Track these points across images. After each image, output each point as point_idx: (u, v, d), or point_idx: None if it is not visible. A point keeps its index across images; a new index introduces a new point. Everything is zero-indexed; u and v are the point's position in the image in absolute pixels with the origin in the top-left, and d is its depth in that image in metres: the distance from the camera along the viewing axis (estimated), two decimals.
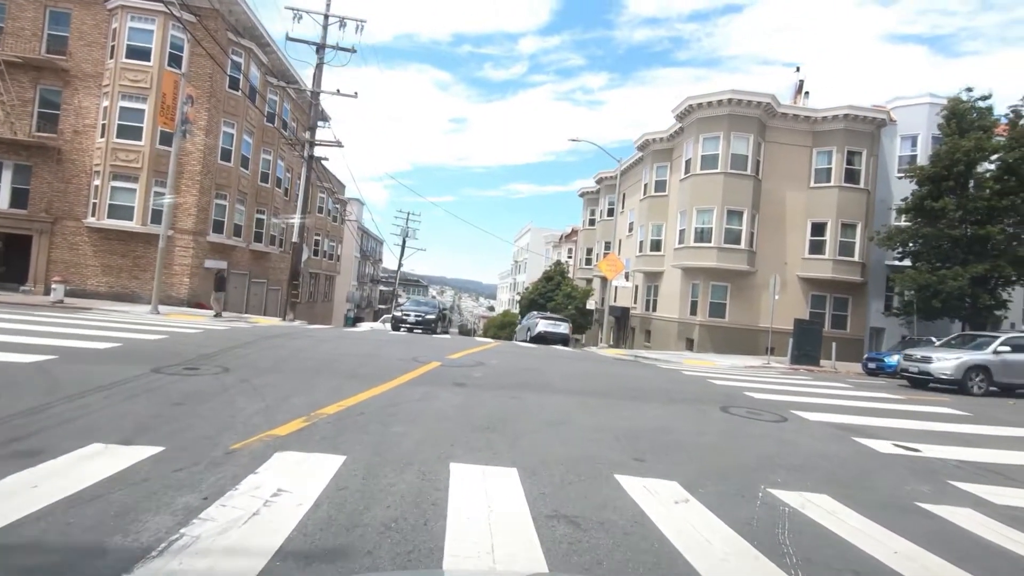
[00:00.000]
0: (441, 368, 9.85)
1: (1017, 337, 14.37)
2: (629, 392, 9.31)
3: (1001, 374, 13.48)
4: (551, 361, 13.60)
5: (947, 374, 13.41)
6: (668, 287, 27.16)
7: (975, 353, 13.78)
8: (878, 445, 6.92)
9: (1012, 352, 13.69)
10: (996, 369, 13.46)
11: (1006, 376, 13.55)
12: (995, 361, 13.53)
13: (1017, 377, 13.71)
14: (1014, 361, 13.64)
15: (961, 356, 13.62)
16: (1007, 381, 13.62)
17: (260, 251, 26.34)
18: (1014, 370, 13.60)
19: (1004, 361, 13.53)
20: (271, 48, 24.12)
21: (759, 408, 8.73)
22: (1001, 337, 14.13)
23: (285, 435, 4.84)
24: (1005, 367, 13.51)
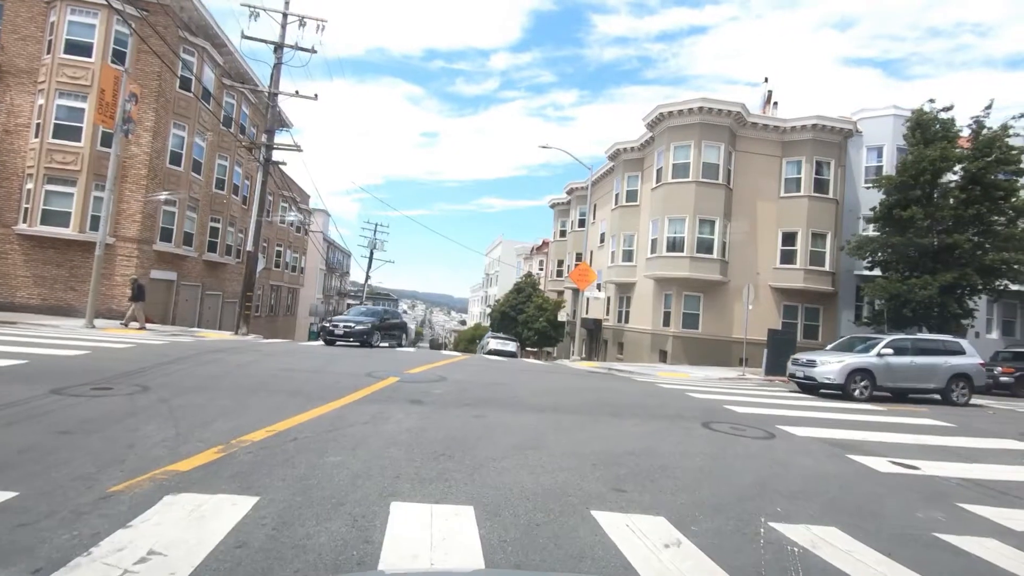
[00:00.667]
0: (398, 384, 8.96)
1: (900, 339, 13.66)
2: (605, 408, 8.59)
3: (885, 377, 12.82)
4: (520, 375, 12.82)
5: (830, 378, 12.72)
6: (640, 298, 26.76)
7: (859, 356, 13.08)
8: (874, 463, 6.35)
9: (895, 355, 13.03)
10: (880, 372, 12.77)
11: (890, 379, 12.88)
12: (879, 364, 12.83)
13: (901, 380, 13.00)
14: (898, 364, 12.97)
15: (844, 359, 12.87)
16: (891, 385, 12.95)
17: (214, 262, 24.93)
18: (897, 373, 12.94)
19: (888, 364, 12.85)
20: (227, 49, 23.00)
21: (743, 423, 8.12)
22: (885, 339, 13.45)
23: (188, 471, 3.93)
24: (889, 370, 12.85)
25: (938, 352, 13.40)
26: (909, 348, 13.29)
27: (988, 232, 19.20)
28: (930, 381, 13.11)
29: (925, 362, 13.11)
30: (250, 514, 3.21)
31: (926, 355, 13.22)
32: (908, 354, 13.14)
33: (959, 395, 13.20)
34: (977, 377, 13.44)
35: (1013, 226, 19.29)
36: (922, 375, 13.07)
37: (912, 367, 13.01)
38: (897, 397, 13.71)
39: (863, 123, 23.98)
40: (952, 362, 13.28)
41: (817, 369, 13.00)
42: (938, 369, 13.13)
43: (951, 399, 13.11)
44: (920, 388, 13.20)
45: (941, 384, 13.11)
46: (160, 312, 20.94)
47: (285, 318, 40.58)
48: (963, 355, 13.54)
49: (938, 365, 13.15)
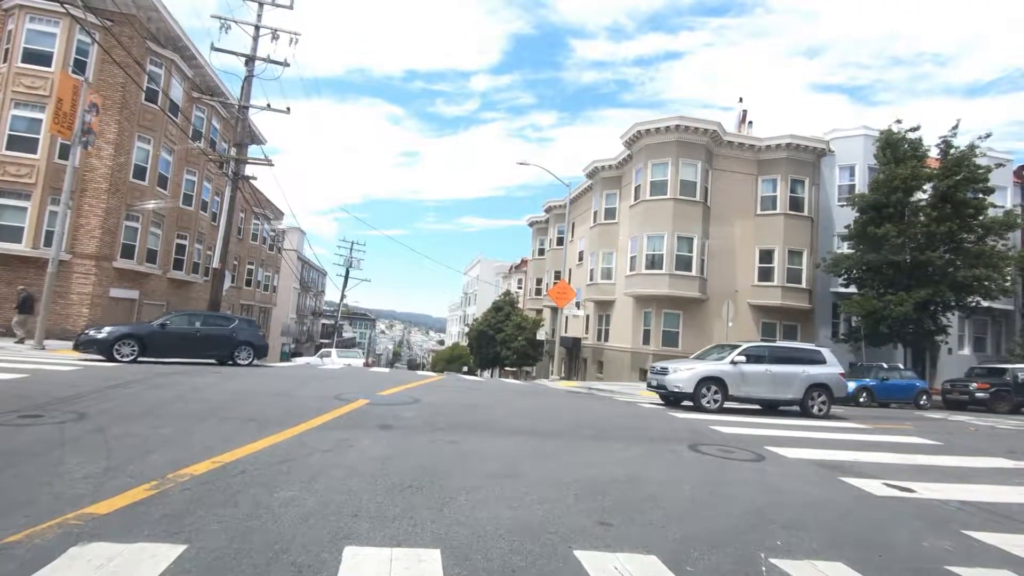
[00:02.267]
0: (367, 407, 8.41)
1: (756, 347, 12.93)
2: (587, 430, 8.15)
3: (738, 386, 11.97)
4: (498, 395, 12.33)
5: (679, 387, 11.89)
6: (620, 316, 26.54)
7: (711, 364, 12.30)
8: (868, 486, 6.03)
9: (750, 363, 12.19)
10: (732, 381, 11.93)
11: (743, 388, 12.03)
12: (731, 372, 11.97)
13: (755, 389, 12.14)
14: (752, 373, 12.12)
15: (695, 367, 12.10)
16: (744, 394, 12.10)
17: (180, 280, 23.99)
18: (751, 382, 12.10)
19: (741, 373, 11.99)
20: (197, 62, 22.45)
21: (730, 445, 7.76)
22: (741, 346, 12.62)
23: (107, 513, 3.38)
24: (742, 379, 12.01)
25: (796, 361, 12.62)
26: (766, 356, 12.52)
27: (959, 249, 19.53)
28: (787, 391, 12.24)
29: (781, 371, 12.26)
30: (171, 569, 2.69)
31: (783, 364, 12.42)
32: (764, 362, 12.33)
33: (817, 406, 12.34)
34: (836, 388, 12.58)
35: (983, 243, 19.68)
36: (778, 384, 12.18)
37: (767, 376, 12.16)
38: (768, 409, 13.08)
39: (835, 143, 24.43)
40: (810, 371, 12.44)
41: (668, 377, 12.16)
42: (795, 378, 12.28)
43: (809, 410, 12.25)
44: (776, 399, 12.31)
45: (798, 394, 12.24)
46: None
47: None
48: (823, 364, 12.74)
49: (795, 374, 12.31)
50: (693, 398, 11.82)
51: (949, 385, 19.27)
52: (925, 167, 19.97)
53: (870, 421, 12.66)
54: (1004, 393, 18.01)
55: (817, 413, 12.31)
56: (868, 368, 18.54)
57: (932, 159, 20.71)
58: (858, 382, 17.68)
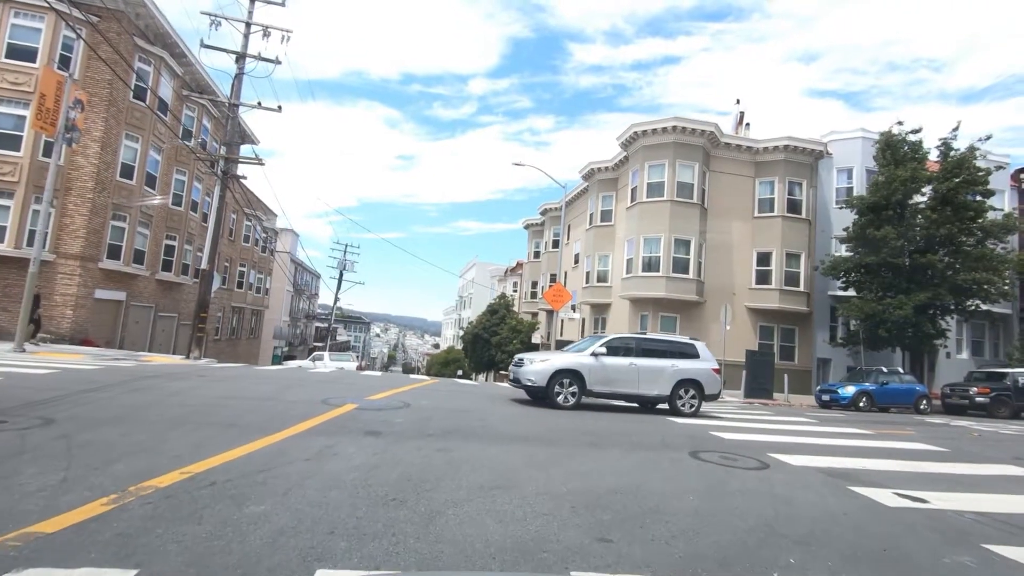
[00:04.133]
0: (355, 412, 8.07)
1: (622, 338, 11.83)
2: (583, 437, 7.84)
3: (598, 380, 10.87)
4: (492, 401, 12.00)
5: (531, 380, 10.65)
6: (616, 319, 26.27)
7: (569, 356, 11.28)
8: (880, 496, 5.75)
9: (613, 355, 11.13)
10: (591, 375, 10.81)
11: (604, 383, 10.94)
12: (591, 366, 10.86)
13: (617, 384, 11.06)
14: (614, 366, 11.04)
15: (550, 359, 11.00)
16: (605, 389, 10.99)
17: (169, 281, 23.56)
18: (613, 376, 11.03)
19: (603, 366, 10.91)
20: (187, 60, 22.08)
21: (732, 452, 7.47)
22: (605, 337, 11.61)
23: (54, 532, 3.05)
24: (603, 372, 10.92)
25: (666, 354, 11.55)
26: (633, 348, 11.39)
27: (959, 252, 19.36)
28: (653, 387, 11.20)
29: (648, 365, 11.21)
30: None
31: (651, 357, 11.36)
32: (630, 355, 11.26)
33: (686, 403, 11.38)
34: (708, 384, 11.57)
35: (982, 246, 19.51)
36: (644, 380, 11.13)
37: (631, 370, 11.10)
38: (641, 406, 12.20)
39: (833, 145, 24.27)
40: (680, 366, 11.43)
41: (522, 370, 10.98)
42: (663, 373, 11.26)
43: (678, 409, 11.30)
44: (641, 395, 11.27)
45: (665, 391, 11.26)
46: (106, 334, 19.49)
47: (248, 341, 38.88)
48: (695, 359, 11.73)
49: (663, 369, 11.29)
50: (546, 393, 10.67)
51: (949, 390, 19.07)
52: (925, 169, 19.81)
53: (872, 426, 12.42)
54: (1005, 398, 17.81)
55: (686, 411, 11.31)
56: (867, 372, 18.32)
57: (931, 162, 20.56)
58: (858, 386, 17.45)
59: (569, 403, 10.64)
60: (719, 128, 23.32)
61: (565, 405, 10.57)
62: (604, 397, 11.32)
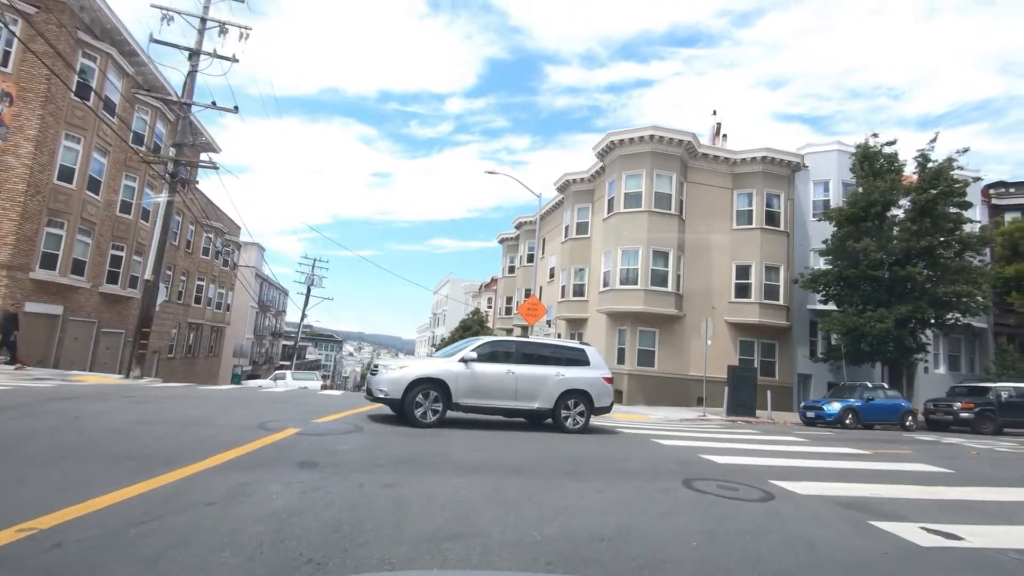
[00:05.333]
0: (295, 438, 6.91)
1: (497, 342, 10.28)
2: (559, 464, 6.82)
3: (466, 391, 9.14)
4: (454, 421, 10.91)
5: (383, 391, 8.73)
6: (593, 334, 25.42)
7: (434, 362, 9.53)
8: (907, 532, 4.87)
9: (486, 361, 9.43)
10: (458, 385, 9.05)
11: (473, 394, 9.20)
12: (459, 374, 9.09)
13: (489, 396, 9.32)
14: (487, 374, 9.32)
15: (408, 366, 9.23)
16: (475, 402, 9.26)
17: (115, 295, 21.85)
18: (485, 386, 9.27)
19: (473, 374, 9.17)
20: (139, 59, 20.77)
21: (730, 479, 6.55)
22: (477, 341, 9.97)
23: None
24: (472, 382, 9.18)
25: (551, 361, 10.04)
26: (512, 353, 9.86)
27: (938, 264, 19.15)
28: (534, 399, 9.61)
29: (529, 373, 9.62)
30: None
31: (533, 364, 9.82)
32: (509, 361, 9.68)
33: (572, 418, 9.88)
34: (599, 395, 10.13)
35: (961, 259, 19.36)
36: (523, 390, 9.52)
37: (508, 379, 9.47)
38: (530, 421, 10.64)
39: (809, 158, 24.13)
40: (567, 375, 9.91)
41: (376, 379, 9.04)
42: (546, 383, 9.72)
43: (562, 423, 9.75)
44: (519, 408, 9.62)
45: (548, 403, 9.71)
46: (39, 352, 17.74)
47: (207, 359, 36.83)
48: (585, 366, 10.28)
49: (547, 378, 9.76)
50: (402, 407, 8.71)
51: (932, 405, 18.62)
52: (902, 181, 19.68)
53: (865, 445, 11.68)
54: (989, 413, 17.40)
55: (572, 428, 9.84)
56: (852, 388, 17.74)
57: (906, 176, 20.45)
58: (843, 403, 16.83)
59: (430, 420, 8.76)
60: (696, 138, 22.93)
61: (425, 422, 8.69)
62: (475, 411, 9.54)
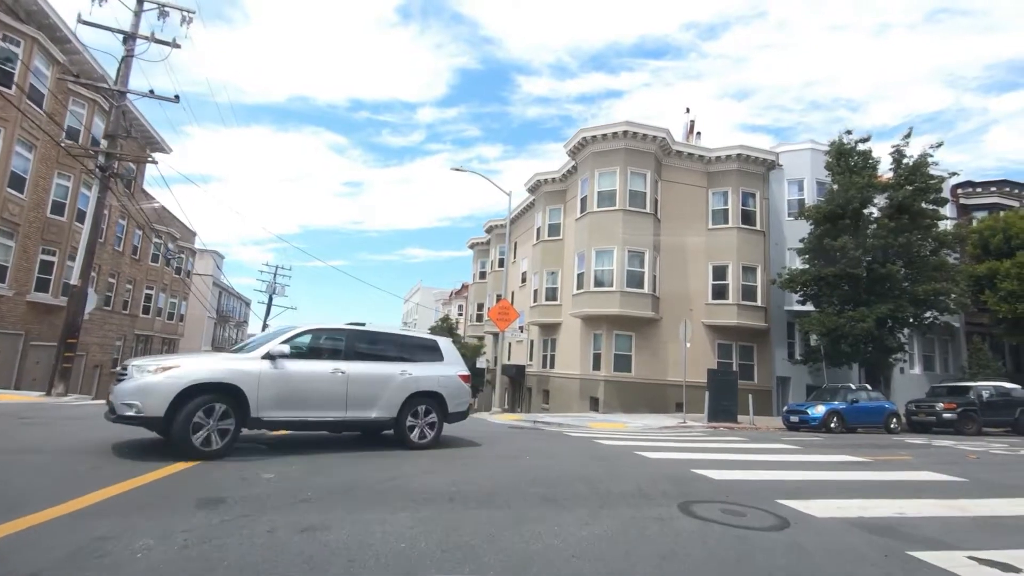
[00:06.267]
0: (208, 465, 5.64)
1: (317, 330, 7.30)
2: (533, 487, 5.72)
3: (274, 401, 6.33)
4: None
5: (136, 406, 5.72)
6: (567, 340, 24.46)
7: (222, 360, 6.48)
8: (958, 565, 3.93)
9: (299, 358, 6.79)
10: (263, 391, 6.24)
11: (284, 404, 6.44)
12: (262, 376, 6.29)
13: (307, 405, 6.67)
14: (304, 375, 6.72)
15: (181, 364, 6.04)
16: (284, 415, 6.50)
17: (45, 304, 19.92)
18: (301, 393, 6.62)
19: (285, 375, 6.48)
20: (72, 46, 19.08)
21: (733, 500, 5.55)
22: (297, 329, 7.05)
23: None
24: (284, 387, 6.45)
25: (393, 356, 7.72)
26: (341, 348, 7.21)
27: (915, 262, 18.84)
28: (370, 406, 7.19)
29: (364, 372, 7.19)
30: None
31: (370, 360, 7.39)
32: (337, 357, 7.09)
33: (421, 431, 7.67)
34: (454, 398, 8.07)
35: (937, 256, 19.09)
36: (356, 395, 7.05)
37: (336, 381, 6.89)
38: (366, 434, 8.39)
39: (783, 156, 23.78)
40: (415, 372, 7.70)
41: (123, 387, 5.88)
42: (388, 384, 7.39)
43: (406, 436, 7.52)
44: (350, 419, 7.07)
45: (389, 411, 7.38)
46: None
47: None
48: (437, 362, 8.19)
49: (389, 378, 7.43)
50: (168, 429, 5.77)
51: (914, 406, 18.17)
52: (878, 178, 19.38)
53: (860, 451, 10.90)
54: (971, 413, 17.00)
55: (418, 441, 7.64)
56: (834, 390, 17.13)
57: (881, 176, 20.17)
58: (827, 406, 16.17)
59: (215, 445, 5.91)
60: (670, 134, 22.28)
61: (207, 450, 5.84)
62: (286, 427, 6.77)
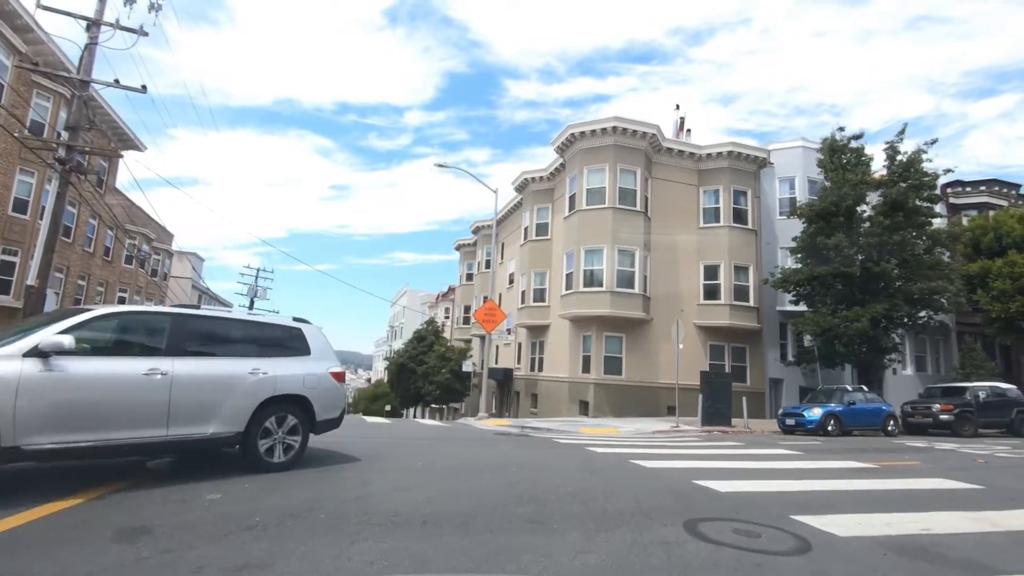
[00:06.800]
0: (139, 486, 4.89)
1: (121, 314, 5.34)
2: (520, 506, 5.04)
3: (42, 422, 4.32)
4: (396, 446, 9.03)
5: None
6: (555, 342, 23.82)
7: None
8: None
9: (90, 354, 4.80)
10: (21, 408, 4.20)
11: (59, 426, 4.42)
12: (27, 383, 4.27)
13: (103, 424, 4.68)
14: (98, 381, 4.72)
15: None
16: (58, 442, 4.41)
17: (7, 307, 18.87)
18: (90, 407, 4.62)
19: (65, 381, 4.47)
20: (35, 36, 18.13)
21: (743, 517, 4.91)
22: (89, 313, 4.94)
23: None
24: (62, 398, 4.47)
25: (238, 352, 5.82)
26: (163, 341, 5.26)
27: (910, 260, 18.48)
28: (208, 418, 5.35)
29: (196, 373, 5.32)
30: None
31: (205, 356, 5.52)
32: (156, 353, 5.18)
33: (280, 447, 5.89)
34: (324, 402, 6.31)
35: (931, 255, 18.76)
36: (185, 405, 5.17)
37: (153, 387, 4.99)
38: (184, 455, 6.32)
39: (774, 155, 23.39)
40: (272, 371, 5.87)
41: None
42: (233, 388, 5.54)
43: (258, 455, 5.70)
44: (179, 440, 5.16)
45: (234, 424, 5.52)
46: None
47: None
48: (302, 356, 6.32)
49: (234, 379, 5.57)
50: None
51: (910, 408, 17.76)
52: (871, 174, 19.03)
53: (863, 456, 10.33)
54: (968, 415, 16.62)
55: (275, 461, 5.80)
56: (831, 392, 16.63)
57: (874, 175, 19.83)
58: (824, 408, 15.66)
59: None
60: (661, 131, 21.76)
61: None
62: (67, 457, 4.64)
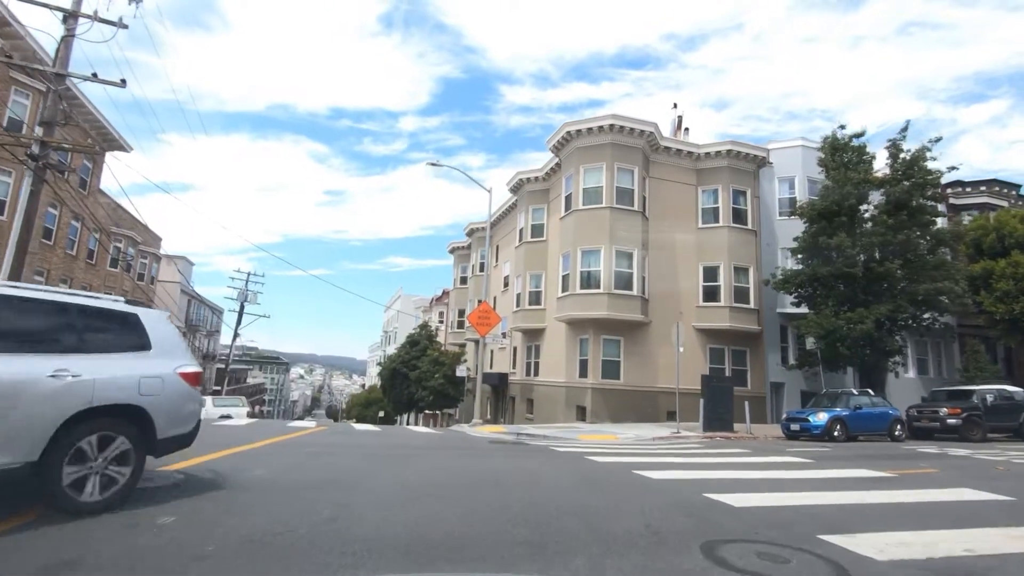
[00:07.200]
0: (76, 517, 4.29)
1: None
2: (517, 526, 4.47)
3: None
4: (384, 457, 8.43)
5: None
6: (552, 346, 23.27)
7: None
8: None
9: None
10: None
11: None
12: None
13: None
14: None
15: None
16: None
17: None
18: None
19: None
20: (13, 29, 17.52)
21: (766, 538, 4.37)
22: None
23: None
24: None
25: (36, 346, 4.00)
26: None
27: (914, 261, 18.07)
28: None
29: None
30: None
31: None
32: None
33: (97, 478, 4.08)
34: (168, 413, 4.58)
35: (935, 255, 18.37)
36: None
37: None
38: None
39: (774, 154, 22.99)
40: (88, 372, 4.08)
41: None
42: (19, 398, 3.69)
43: (62, 491, 3.90)
44: None
45: (26, 451, 3.72)
46: None
47: None
48: (138, 350, 4.59)
49: (24, 385, 3.72)
50: None
51: (916, 412, 17.30)
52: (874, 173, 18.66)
53: (877, 464, 9.80)
54: (976, 418, 16.17)
55: (87, 498, 4.04)
56: (835, 396, 16.15)
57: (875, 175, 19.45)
58: (830, 413, 15.17)
59: None
60: (658, 129, 21.31)
61: None
62: None
